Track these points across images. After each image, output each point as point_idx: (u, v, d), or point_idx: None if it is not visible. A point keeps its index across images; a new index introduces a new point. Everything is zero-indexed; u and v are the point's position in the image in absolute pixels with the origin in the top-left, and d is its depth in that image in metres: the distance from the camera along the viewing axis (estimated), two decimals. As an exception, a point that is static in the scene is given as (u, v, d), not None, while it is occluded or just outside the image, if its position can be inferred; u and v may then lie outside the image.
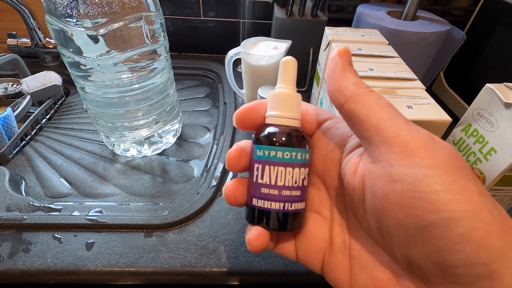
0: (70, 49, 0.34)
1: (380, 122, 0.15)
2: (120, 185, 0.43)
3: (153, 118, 0.43)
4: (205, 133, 0.53)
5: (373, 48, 0.38)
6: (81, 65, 0.35)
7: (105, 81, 0.37)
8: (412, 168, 0.14)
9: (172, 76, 0.45)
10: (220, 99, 0.60)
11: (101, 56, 0.34)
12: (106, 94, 0.38)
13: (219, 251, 0.34)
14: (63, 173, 0.44)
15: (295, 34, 0.57)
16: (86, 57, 0.34)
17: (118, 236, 0.35)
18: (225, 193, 0.20)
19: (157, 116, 0.44)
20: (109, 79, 0.36)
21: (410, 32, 0.45)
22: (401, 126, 0.15)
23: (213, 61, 0.70)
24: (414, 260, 0.15)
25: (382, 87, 0.30)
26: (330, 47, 0.40)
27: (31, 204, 0.37)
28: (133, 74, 0.37)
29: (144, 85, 0.39)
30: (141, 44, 0.36)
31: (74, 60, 0.35)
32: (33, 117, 0.51)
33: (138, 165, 0.46)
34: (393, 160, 0.14)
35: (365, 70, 0.33)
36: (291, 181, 0.18)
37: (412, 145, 0.14)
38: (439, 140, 0.15)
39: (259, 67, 0.50)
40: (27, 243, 0.34)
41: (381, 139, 0.15)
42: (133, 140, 0.44)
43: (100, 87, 0.37)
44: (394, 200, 0.14)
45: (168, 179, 0.44)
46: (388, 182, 0.14)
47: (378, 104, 0.16)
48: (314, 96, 0.49)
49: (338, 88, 0.17)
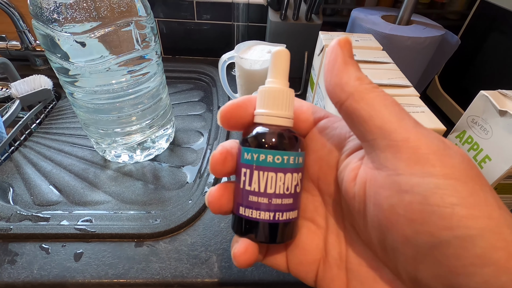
0: (58, 55, 0.33)
1: (387, 124, 0.13)
2: (111, 193, 0.42)
3: (146, 124, 0.43)
4: (199, 138, 0.52)
5: (367, 53, 0.37)
6: (69, 70, 0.34)
7: (94, 87, 0.36)
8: (424, 177, 0.12)
9: (164, 81, 0.45)
10: (214, 103, 0.60)
11: (89, 62, 0.33)
12: (96, 100, 0.37)
13: (211, 261, 0.33)
14: (53, 180, 0.43)
15: (290, 37, 0.57)
16: (74, 63, 0.33)
17: (108, 246, 0.34)
18: (209, 200, 0.18)
19: (149, 121, 0.43)
20: (99, 85, 0.36)
21: (404, 37, 0.44)
22: (410, 128, 0.13)
23: (207, 64, 0.69)
24: (421, 280, 0.13)
25: (376, 95, 0.29)
26: (324, 52, 0.39)
27: (19, 213, 0.36)
28: (123, 79, 0.37)
29: (135, 91, 0.39)
30: (131, 50, 0.35)
31: (61, 65, 0.34)
32: (22, 122, 0.49)
33: (129, 171, 0.45)
34: (401, 168, 0.13)
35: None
36: (283, 188, 0.16)
37: (423, 150, 0.12)
38: (452, 145, 0.13)
39: (253, 71, 0.49)
40: (13, 254, 0.33)
41: (387, 142, 0.13)
42: (125, 146, 0.44)
43: (89, 93, 0.37)
44: (402, 213, 0.13)
45: (160, 185, 0.43)
46: (395, 192, 0.13)
47: (384, 102, 0.14)
48: (308, 101, 0.48)
49: (339, 83, 0.15)
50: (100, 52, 0.33)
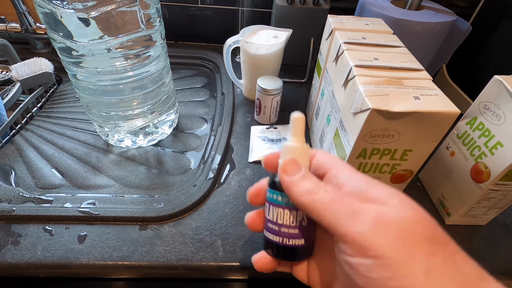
0: (60, 33, 0.32)
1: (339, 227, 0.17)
2: (114, 177, 0.41)
3: (148, 108, 0.42)
4: (202, 124, 0.51)
5: (377, 37, 0.36)
6: (72, 50, 0.33)
7: (98, 67, 0.35)
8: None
9: (168, 64, 0.44)
10: (218, 89, 0.59)
11: (93, 41, 0.32)
12: (99, 82, 0.36)
13: (216, 245, 0.33)
14: (55, 164, 0.42)
15: (296, 22, 0.56)
16: (77, 42, 0.32)
17: (112, 228, 0.34)
18: (246, 221, 0.24)
19: (152, 105, 0.42)
20: (102, 65, 0.35)
21: (415, 22, 0.43)
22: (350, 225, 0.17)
23: (211, 50, 0.68)
24: None
25: (388, 77, 0.28)
26: (333, 35, 0.38)
27: (21, 195, 0.36)
28: (127, 60, 0.36)
29: (138, 73, 0.38)
30: (135, 29, 0.34)
31: (65, 45, 0.33)
32: (23, 105, 0.49)
33: (133, 156, 0.45)
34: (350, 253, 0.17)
35: (370, 60, 0.31)
36: (288, 221, 0.21)
37: (358, 240, 0.16)
38: (388, 214, 0.16)
39: (259, 56, 0.48)
40: (17, 236, 0.32)
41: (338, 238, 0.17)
42: (128, 130, 0.43)
43: (92, 74, 0.36)
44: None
45: (164, 170, 0.43)
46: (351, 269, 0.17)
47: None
48: (315, 87, 0.48)
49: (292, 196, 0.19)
50: (103, 30, 0.32)
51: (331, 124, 0.36)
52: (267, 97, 0.46)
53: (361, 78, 0.28)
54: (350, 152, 0.29)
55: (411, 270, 0.15)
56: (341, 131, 0.32)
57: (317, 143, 0.43)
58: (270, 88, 0.45)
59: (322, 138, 0.39)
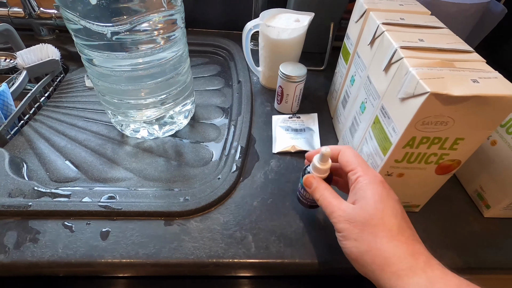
0: (77, 13, 0.29)
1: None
2: (132, 169, 0.39)
3: (165, 96, 0.39)
4: (220, 113, 0.49)
5: (416, 18, 0.34)
6: (90, 31, 0.31)
7: (116, 52, 0.32)
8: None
9: (187, 50, 0.41)
10: (233, 78, 0.56)
11: (113, 23, 0.30)
12: (117, 67, 0.34)
13: (247, 241, 0.31)
14: (68, 156, 0.40)
15: (317, 6, 0.53)
16: (96, 23, 0.30)
17: (135, 224, 0.32)
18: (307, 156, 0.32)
19: (169, 94, 0.40)
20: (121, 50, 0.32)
21: (449, 3, 0.41)
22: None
23: (222, 37, 0.65)
24: None
25: (440, 59, 0.26)
26: (366, 16, 0.36)
27: (36, 189, 0.34)
28: (148, 44, 0.33)
29: (159, 57, 0.35)
30: (157, 8, 0.31)
31: (81, 26, 0.30)
32: (31, 95, 0.46)
33: (149, 147, 0.42)
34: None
35: (415, 41, 0.29)
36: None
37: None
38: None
39: (280, 41, 0.46)
40: (35, 232, 0.30)
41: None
42: (145, 120, 0.41)
43: (111, 59, 0.33)
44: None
45: (184, 162, 0.41)
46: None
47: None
48: (340, 74, 0.45)
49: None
50: (124, 11, 0.29)
51: (367, 112, 0.33)
52: (291, 84, 0.44)
53: (410, 60, 0.26)
54: (396, 141, 0.27)
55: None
56: (382, 118, 0.29)
57: (345, 133, 0.41)
58: (294, 74, 0.43)
59: (354, 127, 0.37)
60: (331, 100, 0.49)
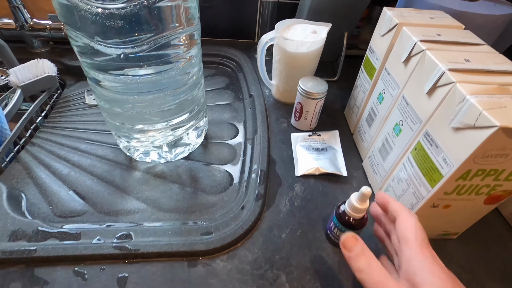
0: (86, 33, 0.26)
1: None
2: (145, 199, 0.36)
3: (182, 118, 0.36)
4: (233, 131, 0.46)
5: (452, 33, 0.32)
6: (97, 53, 0.27)
7: (129, 73, 0.29)
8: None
9: (202, 66, 0.38)
10: (244, 91, 0.53)
11: (126, 44, 0.26)
12: (127, 91, 0.30)
13: (280, 281, 0.28)
14: (72, 185, 0.36)
15: (331, 15, 0.50)
16: (108, 44, 0.26)
17: (156, 267, 0.29)
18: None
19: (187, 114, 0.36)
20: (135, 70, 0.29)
21: (477, 14, 0.39)
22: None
23: (228, 46, 0.62)
24: None
25: (496, 84, 0.24)
26: (398, 31, 0.33)
27: (40, 229, 0.30)
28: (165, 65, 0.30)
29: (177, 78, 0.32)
30: (177, 27, 0.28)
31: (88, 46, 0.27)
32: (27, 116, 0.42)
33: (161, 172, 0.39)
34: None
35: (461, 61, 0.27)
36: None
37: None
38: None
39: (298, 54, 0.43)
40: (42, 283, 0.27)
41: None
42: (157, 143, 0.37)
43: (122, 83, 0.30)
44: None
45: (200, 189, 0.38)
46: None
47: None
48: (362, 89, 0.43)
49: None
50: (138, 30, 0.26)
51: (404, 135, 0.31)
52: (311, 101, 0.41)
53: (464, 85, 0.24)
54: (450, 175, 0.24)
55: None
56: (428, 146, 0.27)
57: (373, 154, 0.38)
58: (315, 91, 0.40)
59: (386, 149, 0.35)
60: (350, 115, 0.47)
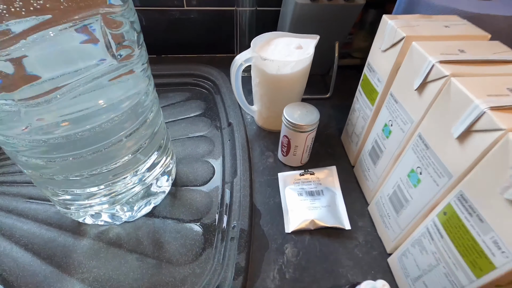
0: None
1: None
2: (92, 281, 0.27)
3: (131, 156, 0.28)
4: (209, 171, 0.38)
5: (479, 48, 0.24)
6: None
7: (41, 121, 0.21)
8: None
9: (152, 89, 0.30)
10: (222, 118, 0.45)
11: (25, 92, 0.18)
12: (45, 137, 0.22)
13: None
14: (-2, 267, 0.28)
15: (319, 24, 0.42)
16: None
17: None
18: None
19: (139, 150, 0.28)
20: (48, 118, 0.21)
21: (499, 16, 0.31)
22: None
23: (204, 64, 0.54)
24: None
25: None
26: (406, 47, 0.26)
27: None
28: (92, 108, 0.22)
29: (102, 118, 0.24)
30: (97, 62, 0.20)
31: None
32: None
33: (117, 238, 0.31)
34: None
35: (504, 93, 0.19)
36: None
37: None
38: None
39: (281, 76, 0.35)
40: None
41: None
42: (107, 201, 0.29)
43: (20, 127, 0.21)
44: None
45: (165, 259, 0.29)
46: None
47: None
48: (362, 114, 0.35)
49: None
50: (43, 71, 0.18)
51: (425, 189, 0.23)
52: (300, 134, 0.33)
53: (522, 136, 0.16)
54: (508, 269, 0.16)
55: None
56: (464, 215, 0.19)
57: (383, 201, 0.31)
58: (304, 122, 0.32)
59: (400, 201, 0.27)
60: (349, 144, 0.39)
